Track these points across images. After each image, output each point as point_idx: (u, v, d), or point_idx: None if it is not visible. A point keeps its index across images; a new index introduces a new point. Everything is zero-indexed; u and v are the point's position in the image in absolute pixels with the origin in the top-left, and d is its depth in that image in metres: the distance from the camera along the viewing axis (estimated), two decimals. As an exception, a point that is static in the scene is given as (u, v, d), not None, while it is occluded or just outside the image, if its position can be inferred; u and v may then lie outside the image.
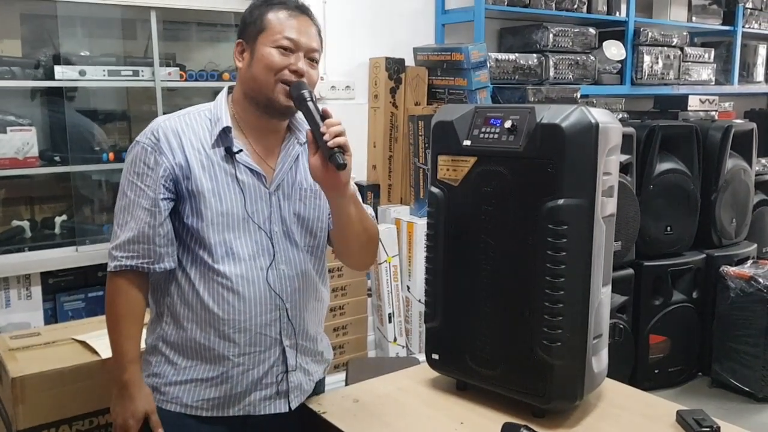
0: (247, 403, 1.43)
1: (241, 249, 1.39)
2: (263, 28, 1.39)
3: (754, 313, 3.30)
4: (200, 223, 1.38)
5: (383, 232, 3.03)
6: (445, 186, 1.50)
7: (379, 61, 3.32)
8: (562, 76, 3.62)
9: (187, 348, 1.42)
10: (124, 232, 1.38)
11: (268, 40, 1.38)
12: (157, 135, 1.38)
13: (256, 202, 1.41)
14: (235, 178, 1.40)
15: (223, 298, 1.39)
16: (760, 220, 4.01)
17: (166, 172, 1.37)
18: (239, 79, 1.44)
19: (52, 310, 2.54)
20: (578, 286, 1.36)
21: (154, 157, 1.37)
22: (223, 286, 1.39)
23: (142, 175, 1.37)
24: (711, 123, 3.73)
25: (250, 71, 1.40)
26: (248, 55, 1.41)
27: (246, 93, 1.42)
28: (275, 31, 1.38)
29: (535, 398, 1.40)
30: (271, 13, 1.40)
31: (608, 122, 1.38)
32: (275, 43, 1.38)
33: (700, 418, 1.36)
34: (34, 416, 1.65)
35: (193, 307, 1.40)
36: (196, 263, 1.40)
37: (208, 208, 1.37)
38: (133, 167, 1.38)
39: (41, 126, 2.60)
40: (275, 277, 1.42)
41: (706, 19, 4.47)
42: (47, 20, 2.59)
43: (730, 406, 3.30)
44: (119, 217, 1.40)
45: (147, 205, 1.37)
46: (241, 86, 1.44)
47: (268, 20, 1.39)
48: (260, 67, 1.38)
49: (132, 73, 2.58)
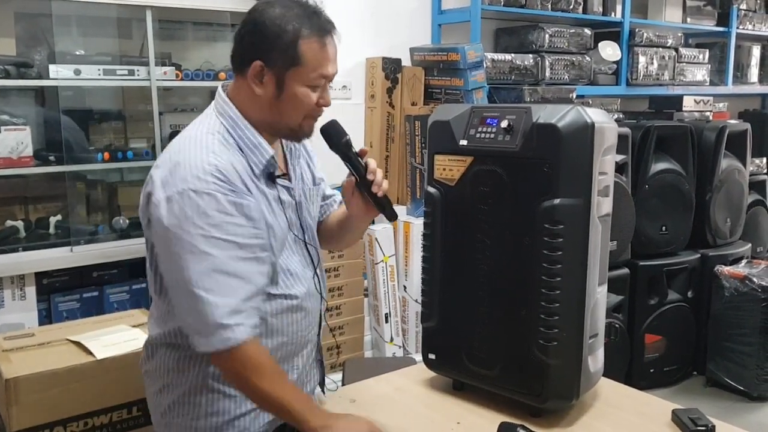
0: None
1: (296, 267, 1.36)
2: (297, 62, 1.23)
3: (748, 312, 3.31)
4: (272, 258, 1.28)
5: (380, 232, 3.03)
6: (441, 186, 1.50)
7: (375, 61, 3.32)
8: (557, 76, 3.63)
9: None
10: (227, 295, 1.17)
11: (304, 78, 1.24)
12: (221, 176, 1.19)
13: (294, 218, 1.37)
14: (279, 200, 1.32)
15: (289, 318, 1.34)
16: (754, 220, 4.02)
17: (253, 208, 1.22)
18: (255, 103, 1.27)
19: (46, 310, 2.52)
20: (574, 286, 1.36)
21: (234, 200, 1.19)
22: (291, 308, 1.34)
23: (225, 224, 1.17)
24: (705, 123, 3.75)
25: (277, 106, 1.26)
26: (272, 84, 1.24)
27: (264, 119, 1.29)
28: (311, 68, 1.24)
29: (531, 397, 1.40)
30: (304, 43, 1.23)
31: (604, 122, 1.38)
32: (310, 83, 1.25)
33: (696, 417, 1.36)
34: (28, 418, 1.64)
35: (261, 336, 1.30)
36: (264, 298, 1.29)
37: (273, 239, 1.29)
38: (205, 220, 1.16)
39: (36, 125, 2.58)
40: (318, 282, 1.43)
41: (700, 20, 4.48)
42: (42, 19, 2.58)
43: (725, 404, 3.31)
44: (204, 282, 1.16)
45: (246, 255, 1.19)
46: (257, 111, 1.28)
47: (303, 54, 1.23)
48: (292, 107, 1.26)
49: (127, 72, 2.57)
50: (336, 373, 2.89)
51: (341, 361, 2.89)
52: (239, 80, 1.29)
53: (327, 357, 2.95)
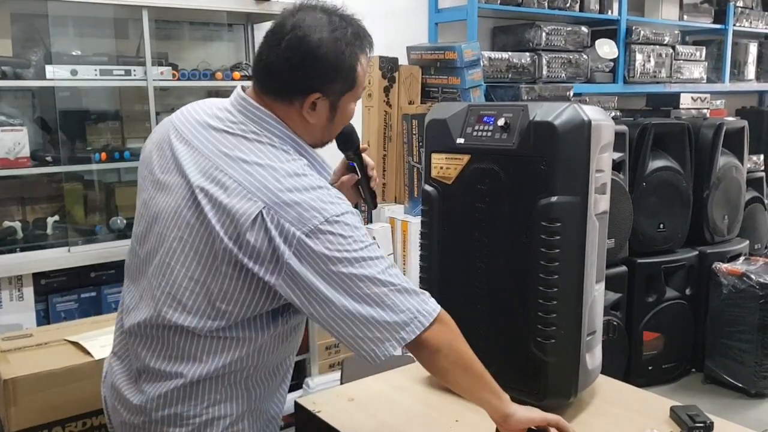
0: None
1: None
2: (353, 86, 1.21)
3: (746, 309, 3.32)
4: None
5: (378, 231, 3.03)
6: (438, 184, 1.50)
7: (372, 60, 3.32)
8: (554, 74, 3.63)
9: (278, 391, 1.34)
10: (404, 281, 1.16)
11: (355, 96, 1.23)
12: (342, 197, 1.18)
13: None
14: None
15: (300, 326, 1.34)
16: (752, 217, 4.03)
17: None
18: (303, 127, 1.21)
19: (44, 311, 2.52)
20: (572, 283, 1.36)
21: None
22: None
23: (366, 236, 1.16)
24: (703, 121, 3.75)
25: (330, 128, 1.24)
26: (326, 110, 1.20)
27: (311, 141, 1.25)
28: (361, 86, 1.23)
29: (529, 395, 1.40)
30: (358, 65, 1.20)
31: (601, 119, 1.38)
32: (358, 98, 1.25)
33: (694, 414, 1.37)
34: (26, 418, 1.64)
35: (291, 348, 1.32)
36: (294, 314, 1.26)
37: None
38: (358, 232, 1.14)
39: (32, 126, 2.58)
40: None
41: (697, 17, 4.49)
42: (38, 19, 2.57)
43: (723, 401, 3.31)
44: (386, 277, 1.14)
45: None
46: (307, 135, 1.23)
47: (357, 77, 1.20)
48: (342, 124, 1.26)
49: (124, 72, 2.57)
50: (334, 372, 2.89)
51: (339, 359, 2.89)
52: (283, 105, 1.20)
53: (325, 356, 2.95)
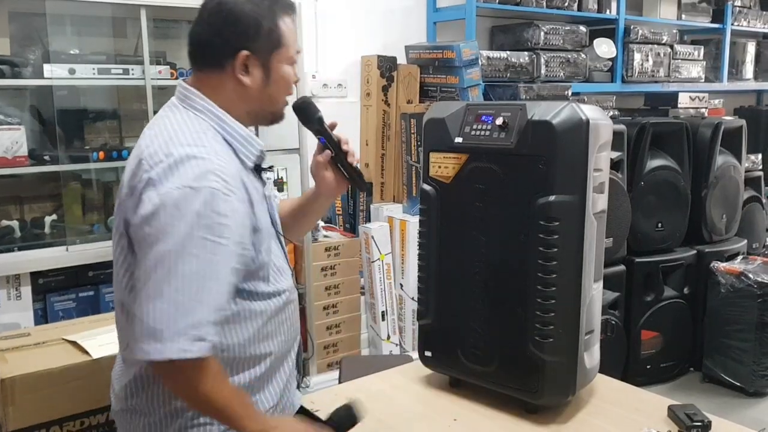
0: (293, 401, 1.40)
1: (281, 262, 1.33)
2: (280, 43, 1.23)
3: (744, 308, 3.32)
4: (260, 255, 1.23)
5: (376, 231, 3.03)
6: (437, 183, 1.50)
7: (371, 59, 3.32)
8: (553, 73, 3.64)
9: (255, 385, 1.29)
10: (205, 303, 1.10)
11: (285, 57, 1.24)
12: (223, 176, 1.13)
13: (272, 212, 1.33)
14: (263, 196, 1.29)
15: (285, 314, 1.31)
16: (750, 216, 4.03)
17: (249, 216, 1.19)
18: (241, 95, 1.23)
19: (42, 310, 2.52)
20: (570, 282, 1.36)
21: (231, 203, 1.13)
22: (284, 302, 1.31)
23: (219, 226, 1.11)
24: (701, 120, 3.75)
25: (268, 92, 1.24)
26: (259, 72, 1.22)
27: (251, 109, 1.26)
28: (290, 46, 1.24)
29: (527, 394, 1.40)
30: (281, 23, 1.23)
31: (599, 119, 1.38)
32: (291, 61, 1.26)
33: (692, 413, 1.37)
34: (24, 417, 1.64)
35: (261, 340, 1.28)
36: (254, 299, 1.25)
37: (267, 237, 1.26)
38: (199, 220, 1.09)
39: (30, 125, 2.57)
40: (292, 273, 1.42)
41: (695, 16, 4.49)
42: (36, 18, 2.57)
43: (721, 400, 3.32)
44: (190, 284, 1.08)
45: (233, 263, 1.14)
46: (244, 103, 1.24)
47: (282, 35, 1.22)
48: (281, 88, 1.26)
49: (122, 71, 2.57)
50: (333, 371, 2.89)
51: (338, 358, 2.90)
52: (214, 76, 1.23)
53: (324, 355, 2.95)
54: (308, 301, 2.88)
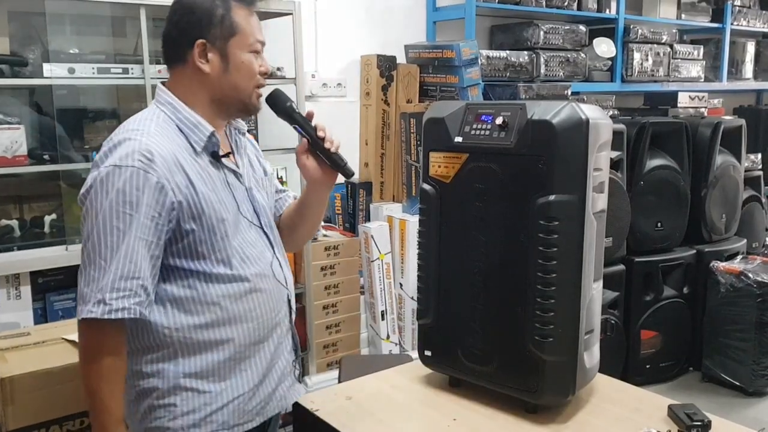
0: (279, 398, 1.44)
1: (251, 250, 1.37)
2: (234, 31, 1.32)
3: (743, 308, 3.32)
4: (213, 239, 1.29)
5: (376, 230, 3.03)
6: (436, 183, 1.50)
7: (370, 58, 3.32)
8: (552, 73, 3.64)
9: (220, 370, 1.33)
10: (111, 269, 1.20)
11: (243, 45, 1.33)
12: (150, 155, 1.23)
13: (244, 202, 1.40)
14: (225, 183, 1.35)
15: (250, 302, 1.36)
16: (750, 215, 4.03)
17: (171, 196, 1.24)
18: (203, 84, 1.33)
19: (41, 309, 2.52)
20: (569, 282, 1.36)
21: (153, 181, 1.22)
22: (247, 290, 1.35)
23: (137, 203, 1.21)
24: (700, 119, 3.76)
25: (227, 79, 1.33)
26: (217, 59, 1.32)
27: (215, 98, 1.34)
28: (247, 34, 1.33)
29: (527, 394, 1.40)
30: (235, 13, 1.32)
31: (599, 118, 1.38)
32: (250, 48, 1.34)
33: (692, 413, 1.37)
34: (23, 417, 1.64)
35: (220, 326, 1.32)
36: (212, 282, 1.31)
37: (219, 220, 1.30)
38: (123, 196, 1.20)
39: (30, 124, 2.57)
40: (278, 267, 1.44)
41: (695, 16, 4.50)
42: (35, 17, 2.57)
43: (721, 400, 3.32)
44: (105, 253, 1.20)
45: (147, 237, 1.22)
46: (207, 91, 1.34)
47: (237, 23, 1.32)
48: (242, 76, 1.34)
49: (122, 70, 2.56)
50: (332, 370, 2.89)
51: (337, 358, 2.90)
52: (180, 69, 1.34)
53: (323, 354, 2.95)
54: (308, 300, 2.88)
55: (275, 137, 2.81)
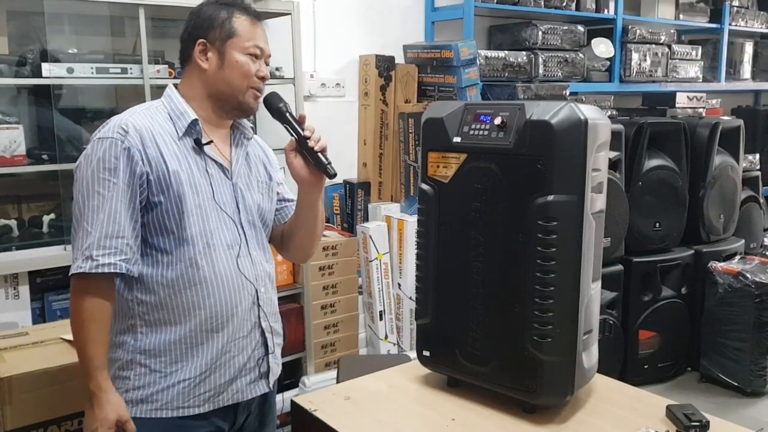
0: (235, 390, 1.47)
1: (218, 239, 1.43)
2: (232, 34, 1.44)
3: (742, 308, 3.33)
4: (179, 216, 1.38)
5: (374, 230, 3.03)
6: (435, 183, 1.50)
7: (369, 58, 3.32)
8: (551, 73, 3.64)
9: (171, 352, 1.40)
10: (96, 230, 1.32)
11: (240, 47, 1.44)
12: (126, 128, 1.36)
13: (224, 194, 1.46)
14: (204, 170, 1.43)
15: (207, 291, 1.40)
16: (748, 216, 4.04)
17: (140, 165, 1.35)
18: (202, 80, 1.45)
19: (40, 309, 2.52)
20: (568, 282, 1.36)
21: (127, 152, 1.34)
22: (205, 279, 1.40)
23: (115, 170, 1.34)
24: (699, 120, 3.76)
25: (222, 75, 1.44)
26: (215, 57, 1.44)
27: (211, 94, 1.46)
28: (245, 38, 1.44)
29: (525, 394, 1.40)
30: (236, 20, 1.44)
31: (597, 118, 1.38)
32: (246, 51, 1.44)
33: (690, 413, 1.37)
34: (22, 417, 1.64)
35: (175, 308, 1.39)
36: (172, 261, 1.39)
37: (187, 200, 1.38)
38: (102, 164, 1.34)
39: (28, 124, 2.57)
40: (248, 264, 1.48)
41: (693, 16, 4.50)
42: (34, 17, 2.56)
43: (719, 400, 3.33)
44: (89, 216, 1.34)
45: (125, 200, 1.34)
46: (205, 87, 1.46)
47: (236, 27, 1.44)
48: (236, 74, 1.44)
49: (120, 70, 2.56)
50: (330, 370, 2.89)
51: (336, 358, 2.89)
52: (188, 69, 1.48)
53: (321, 355, 2.95)
54: (306, 300, 2.88)
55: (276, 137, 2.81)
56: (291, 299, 2.89)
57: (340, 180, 3.33)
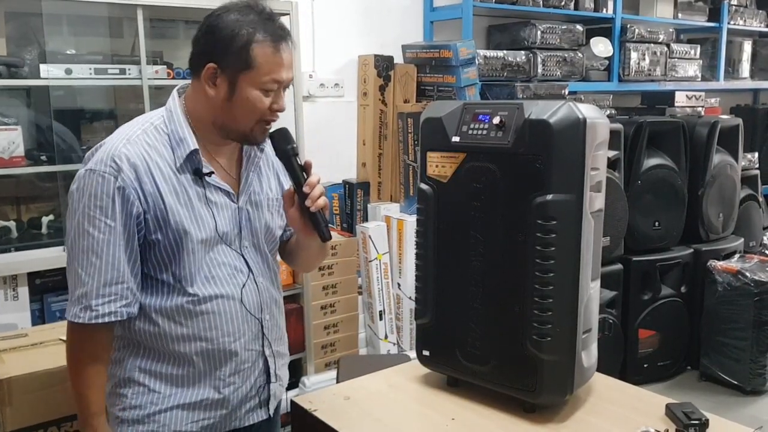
0: (233, 418, 1.42)
1: (219, 271, 1.35)
2: (248, 66, 1.25)
3: (741, 306, 3.33)
4: (179, 253, 1.29)
5: (373, 230, 3.03)
6: (434, 183, 1.50)
7: (368, 58, 3.32)
8: (550, 72, 3.64)
9: (172, 377, 1.35)
10: (94, 276, 1.24)
11: (255, 81, 1.26)
12: (119, 162, 1.24)
13: (227, 222, 1.36)
14: (205, 200, 1.33)
15: (210, 324, 1.34)
16: (747, 214, 4.04)
17: (137, 205, 1.25)
18: (207, 104, 1.30)
19: (39, 310, 2.51)
20: (567, 281, 1.36)
21: (122, 191, 1.24)
22: (208, 312, 1.33)
23: (107, 209, 1.23)
24: (698, 119, 3.76)
25: (229, 107, 1.29)
26: (225, 86, 1.27)
27: (216, 121, 1.32)
28: (263, 72, 1.26)
29: (525, 393, 1.40)
30: (257, 47, 1.25)
31: (596, 118, 1.38)
32: (262, 86, 1.27)
33: (689, 411, 1.37)
34: (21, 418, 1.64)
35: (175, 339, 1.33)
36: (172, 292, 1.31)
37: (188, 237, 1.29)
38: (93, 201, 1.24)
39: (27, 125, 2.57)
40: (253, 292, 1.40)
41: (692, 15, 4.50)
42: (32, 18, 2.56)
43: (718, 399, 3.33)
44: (82, 259, 1.25)
45: (123, 243, 1.25)
46: (209, 112, 1.31)
47: (255, 58, 1.25)
48: (244, 110, 1.28)
49: (119, 71, 2.56)
50: (330, 371, 2.89)
51: (335, 358, 2.90)
52: (195, 82, 1.33)
53: (321, 355, 2.95)
54: (306, 300, 2.88)
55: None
56: (291, 299, 2.89)
57: (338, 180, 3.33)
